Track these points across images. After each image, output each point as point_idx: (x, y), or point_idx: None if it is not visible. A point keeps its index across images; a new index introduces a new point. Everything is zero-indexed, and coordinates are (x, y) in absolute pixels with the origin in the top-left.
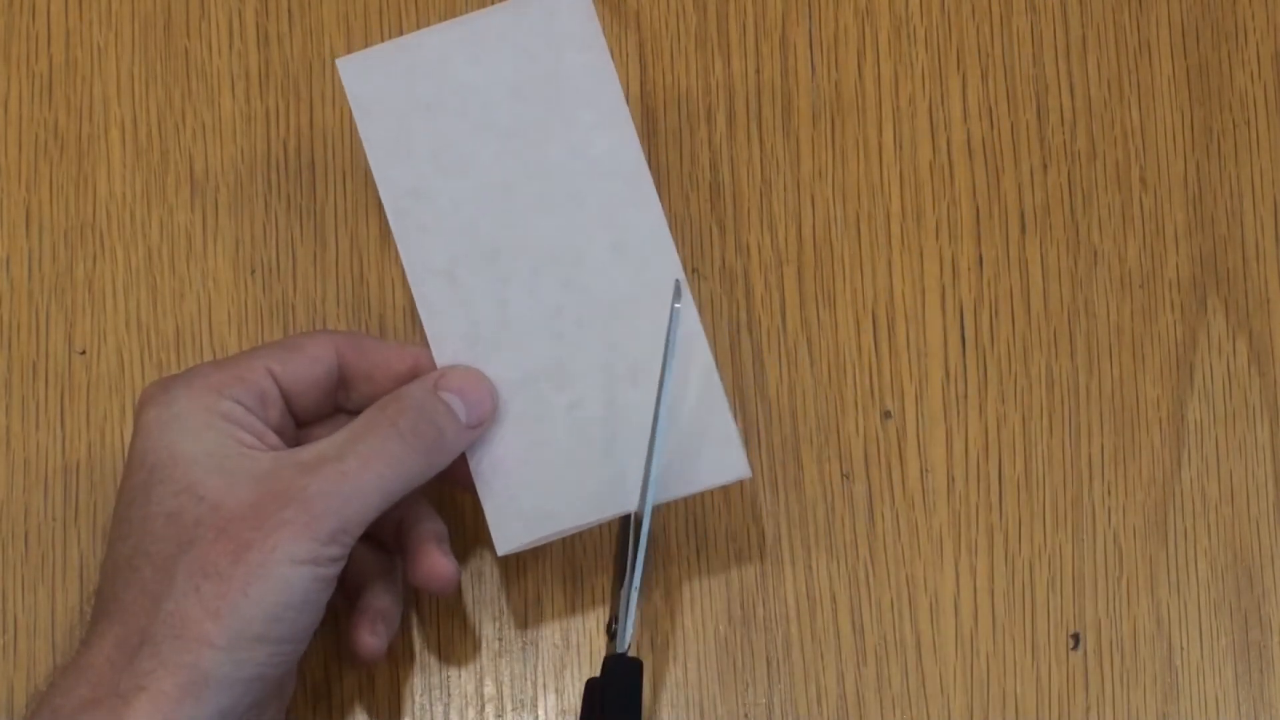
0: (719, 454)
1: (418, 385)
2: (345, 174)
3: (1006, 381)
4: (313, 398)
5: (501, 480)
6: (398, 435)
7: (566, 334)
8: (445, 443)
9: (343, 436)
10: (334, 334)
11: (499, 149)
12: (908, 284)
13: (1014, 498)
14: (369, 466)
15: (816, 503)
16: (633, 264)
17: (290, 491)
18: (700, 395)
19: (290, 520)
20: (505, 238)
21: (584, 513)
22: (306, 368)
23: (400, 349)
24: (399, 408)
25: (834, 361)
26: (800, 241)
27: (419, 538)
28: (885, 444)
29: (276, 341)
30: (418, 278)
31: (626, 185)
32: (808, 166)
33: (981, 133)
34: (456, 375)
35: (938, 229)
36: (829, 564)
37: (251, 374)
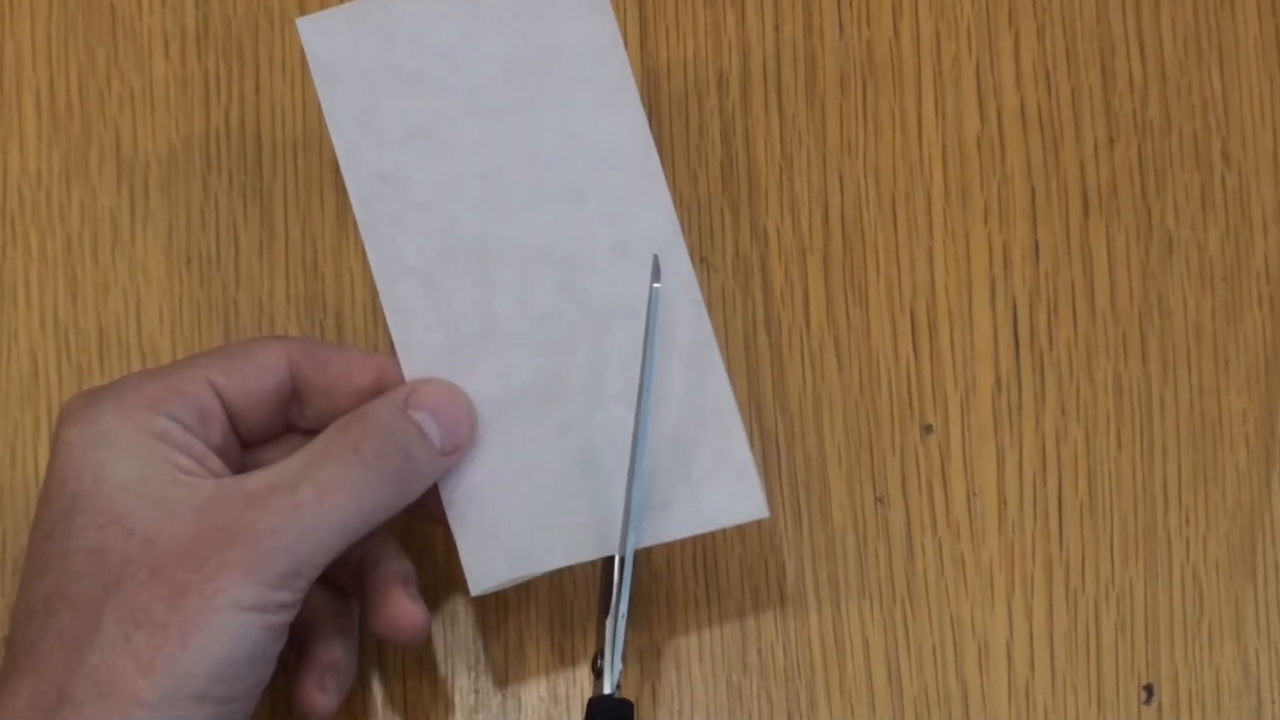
0: (731, 488)
1: (385, 402)
2: (297, 148)
3: (1067, 390)
4: (261, 415)
5: (477, 512)
6: (361, 461)
7: (559, 345)
8: (416, 470)
9: (297, 462)
10: (286, 340)
11: (485, 130)
12: (952, 276)
13: (1076, 526)
14: (327, 498)
15: (846, 532)
16: (637, 266)
17: (235, 526)
18: (710, 414)
19: (235, 560)
20: (490, 233)
21: (572, 551)
22: (254, 380)
23: (364, 358)
24: (362, 429)
25: (866, 366)
26: (826, 226)
27: (381, 579)
28: (926, 463)
29: (219, 348)
30: (386, 277)
31: (632, 175)
32: (835, 139)
33: (1037, 100)
34: (430, 391)
35: (986, 212)
36: (860, 604)
37: (190, 386)
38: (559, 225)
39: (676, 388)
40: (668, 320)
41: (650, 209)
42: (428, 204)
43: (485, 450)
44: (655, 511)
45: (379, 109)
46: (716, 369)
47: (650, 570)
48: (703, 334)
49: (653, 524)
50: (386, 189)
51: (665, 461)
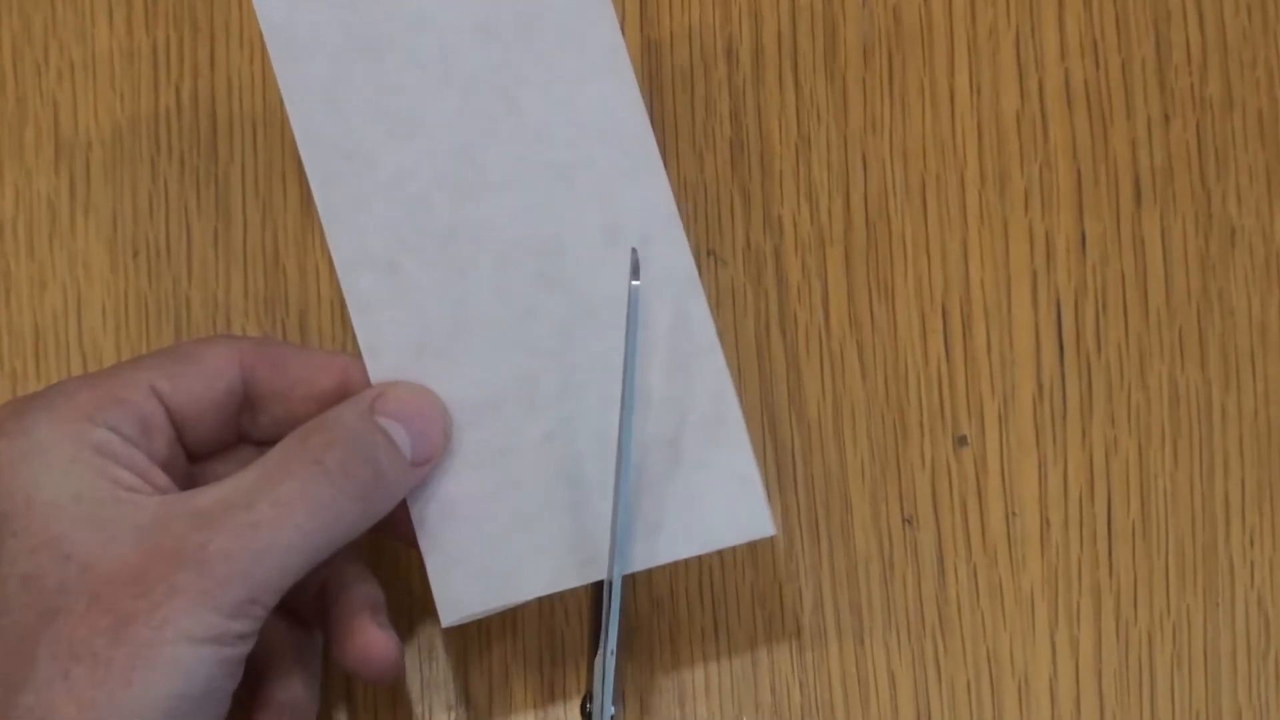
0: (733, 503)
1: (349, 409)
2: (256, 127)
3: (1117, 397)
4: (210, 424)
5: (451, 532)
6: (324, 475)
7: (542, 344)
8: (384, 484)
9: (252, 476)
10: (238, 340)
11: (459, 103)
12: (988, 270)
13: (1127, 549)
14: (287, 516)
15: (870, 556)
16: (642, 256)
17: (184, 549)
18: (710, 421)
19: (185, 587)
20: (464, 218)
21: (556, 576)
22: (202, 385)
23: (325, 359)
24: (325, 439)
25: (893, 371)
26: (848, 215)
27: (347, 606)
28: (960, 479)
29: (163, 350)
30: (349, 267)
31: (624, 150)
32: (857, 117)
33: (1084, 74)
34: (399, 396)
35: (1027, 198)
36: (886, 636)
37: (131, 393)
38: (542, 208)
39: (673, 392)
40: (663, 315)
41: (644, 188)
42: (394, 185)
43: (460, 462)
44: (648, 531)
45: (341, 81)
46: (718, 371)
47: (651, 598)
48: (702, 330)
49: (646, 545)
50: (349, 169)
51: (659, 475)
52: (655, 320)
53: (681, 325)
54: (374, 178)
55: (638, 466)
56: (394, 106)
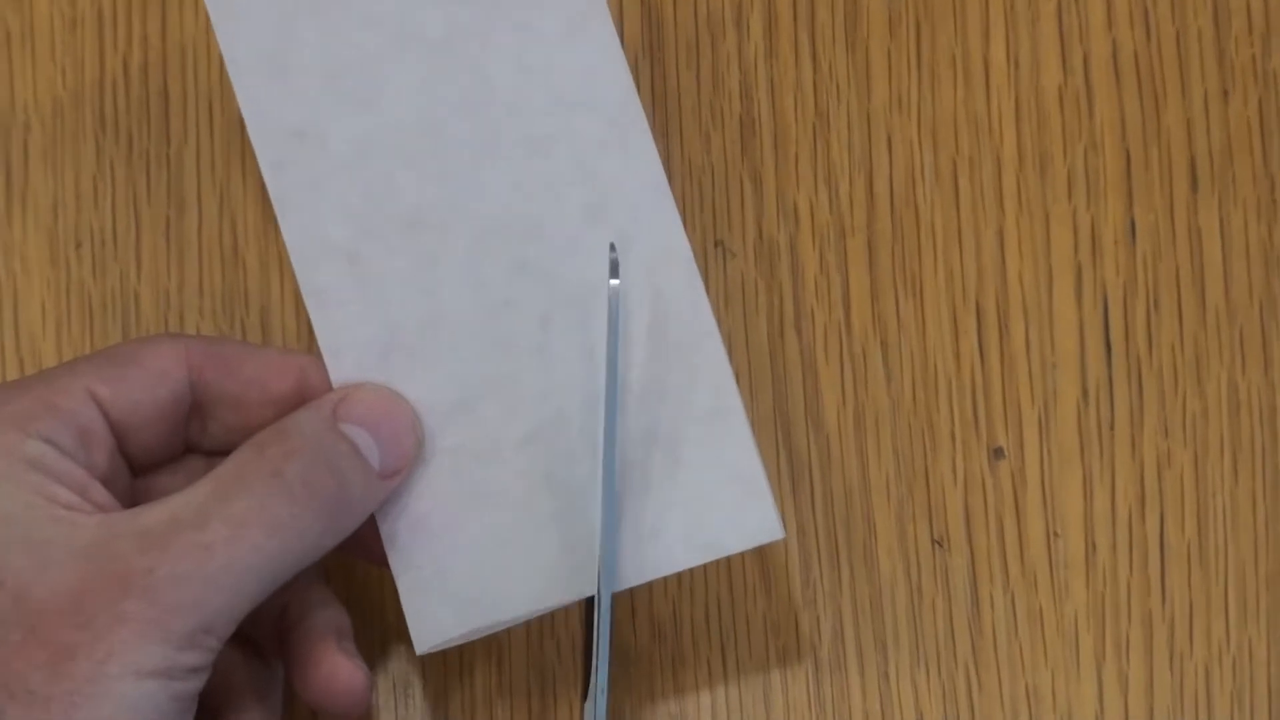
0: (735, 505)
1: (310, 414)
2: (213, 104)
3: (1171, 405)
4: (155, 433)
5: (424, 548)
6: (283, 489)
7: (522, 339)
8: (350, 499)
9: (203, 492)
10: (184, 339)
11: (422, 69)
12: (1027, 263)
13: (1182, 573)
14: (242, 536)
15: (896, 582)
16: (616, 235)
17: (130, 574)
18: (708, 419)
19: (131, 615)
20: (431, 199)
21: (542, 595)
22: (146, 390)
23: (281, 359)
24: (284, 449)
25: (921, 375)
26: (872, 201)
27: (309, 633)
28: (996, 495)
29: (101, 352)
30: (305, 258)
31: (607, 119)
32: (882, 93)
33: (1133, 45)
34: (364, 400)
35: (1070, 184)
36: (914, 671)
37: (67, 400)
38: (518, 187)
39: (667, 384)
40: (654, 299)
41: (630, 159)
42: (353, 164)
43: (433, 471)
44: (642, 540)
45: (290, 47)
46: (716, 359)
47: (652, 627)
48: (698, 316)
49: (639, 556)
50: (302, 148)
51: (653, 477)
52: (646, 305)
53: (675, 310)
54: (329, 156)
55: (629, 469)
56: (349, 74)
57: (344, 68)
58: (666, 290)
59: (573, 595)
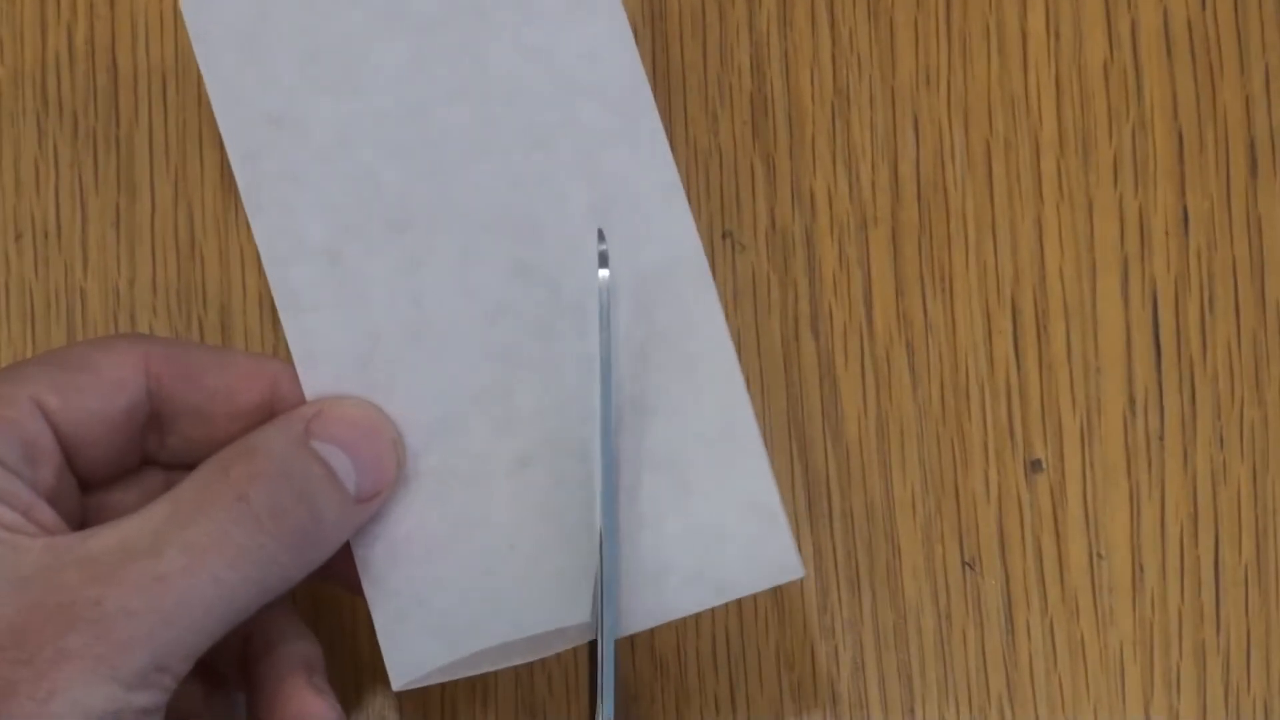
0: (750, 540)
1: (279, 431)
2: (167, 81)
3: (1227, 413)
4: (108, 446)
5: (403, 577)
6: (248, 515)
7: (517, 349)
8: (323, 527)
9: (160, 514)
10: (143, 341)
11: (414, 50)
12: (1068, 256)
13: (1239, 599)
14: (200, 566)
15: (923, 608)
16: (622, 238)
17: (76, 606)
18: (719, 438)
19: (77, 650)
20: (420, 194)
21: (530, 621)
22: (98, 399)
23: (251, 366)
24: (249, 470)
25: (950, 379)
26: (896, 188)
27: (277, 666)
28: (1033, 513)
29: (49, 355)
30: (277, 257)
31: (613, 109)
32: (907, 68)
33: (1187, 14)
34: (341, 416)
35: (1117, 168)
36: (942, 706)
37: (11, 410)
38: (516, 183)
39: (675, 403)
40: (662, 307)
41: (639, 153)
42: (333, 155)
43: (415, 493)
44: (648, 580)
45: (265, 24)
46: (728, 376)
47: (654, 660)
48: (709, 326)
49: (645, 598)
50: (277, 137)
51: (660, 508)
52: (654, 314)
53: (684, 321)
54: (308, 146)
55: (632, 495)
56: (330, 56)
57: (324, 48)
58: (676, 298)
59: (563, 625)
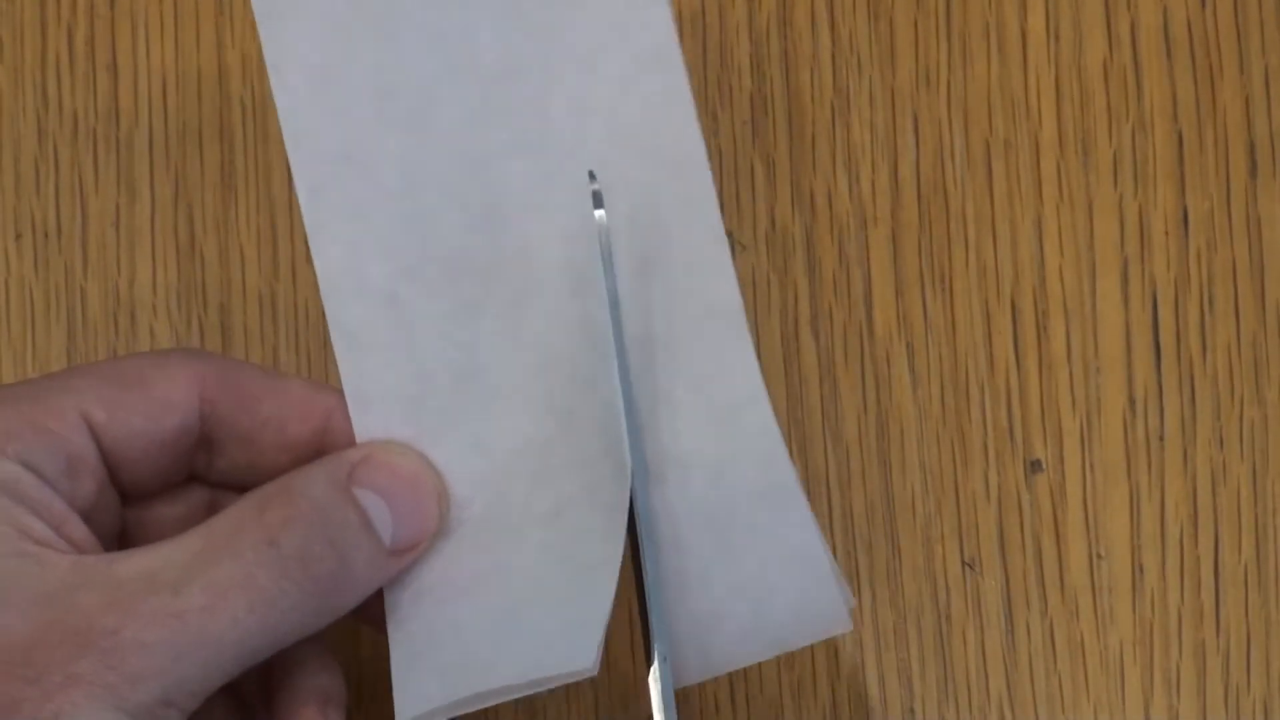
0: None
1: (321, 475)
2: (167, 82)
3: (1227, 413)
4: (154, 465)
5: (425, 620)
6: (276, 559)
7: (560, 401)
8: (351, 577)
9: (189, 548)
10: (199, 361)
11: (481, 100)
12: (1068, 256)
13: (1239, 600)
14: (222, 607)
15: (923, 608)
16: (666, 290)
17: (91, 632)
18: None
19: (85, 677)
20: (480, 243)
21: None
22: (148, 419)
23: (306, 397)
24: (284, 513)
25: (950, 379)
26: (896, 189)
27: (293, 697)
28: (1033, 513)
29: (103, 367)
30: (338, 294)
31: (668, 170)
32: (907, 67)
33: (1187, 14)
34: (387, 465)
35: (1117, 168)
36: (942, 706)
37: (58, 422)
38: (570, 236)
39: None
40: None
41: (689, 212)
42: (399, 196)
43: (453, 542)
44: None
45: (342, 60)
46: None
47: None
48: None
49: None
50: (347, 173)
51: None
52: (692, 364)
53: (721, 373)
54: (374, 184)
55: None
56: (402, 98)
57: (397, 88)
58: (714, 350)
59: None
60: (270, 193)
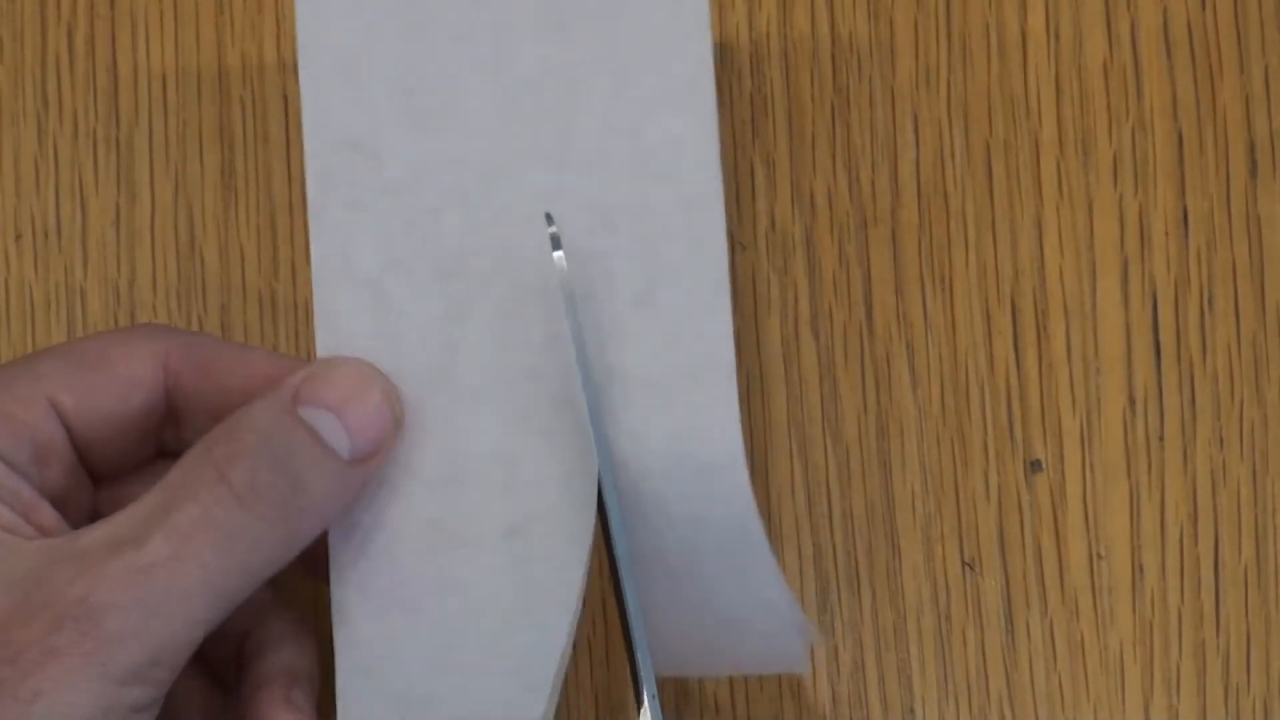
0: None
1: (266, 403)
2: (167, 81)
3: (1227, 413)
4: (123, 444)
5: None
6: (230, 495)
7: (536, 418)
8: (309, 498)
9: (148, 505)
10: (161, 336)
11: (504, 106)
12: (1068, 256)
13: (1239, 599)
14: (186, 552)
15: (922, 609)
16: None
17: (61, 604)
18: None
19: (63, 649)
20: (477, 248)
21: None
22: (114, 399)
23: (273, 367)
24: (230, 448)
25: (950, 379)
26: (896, 188)
27: (261, 673)
28: (1033, 513)
29: (65, 349)
30: (327, 278)
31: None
32: (907, 67)
33: (1187, 14)
34: (330, 379)
35: (1117, 168)
36: (942, 705)
37: (24, 410)
38: (574, 252)
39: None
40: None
41: (695, 248)
42: (402, 191)
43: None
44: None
45: (371, 47)
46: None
47: None
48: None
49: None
50: (353, 161)
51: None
52: (674, 413)
53: (702, 427)
54: (379, 175)
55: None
56: (424, 93)
57: (421, 84)
58: (698, 403)
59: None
60: (270, 193)
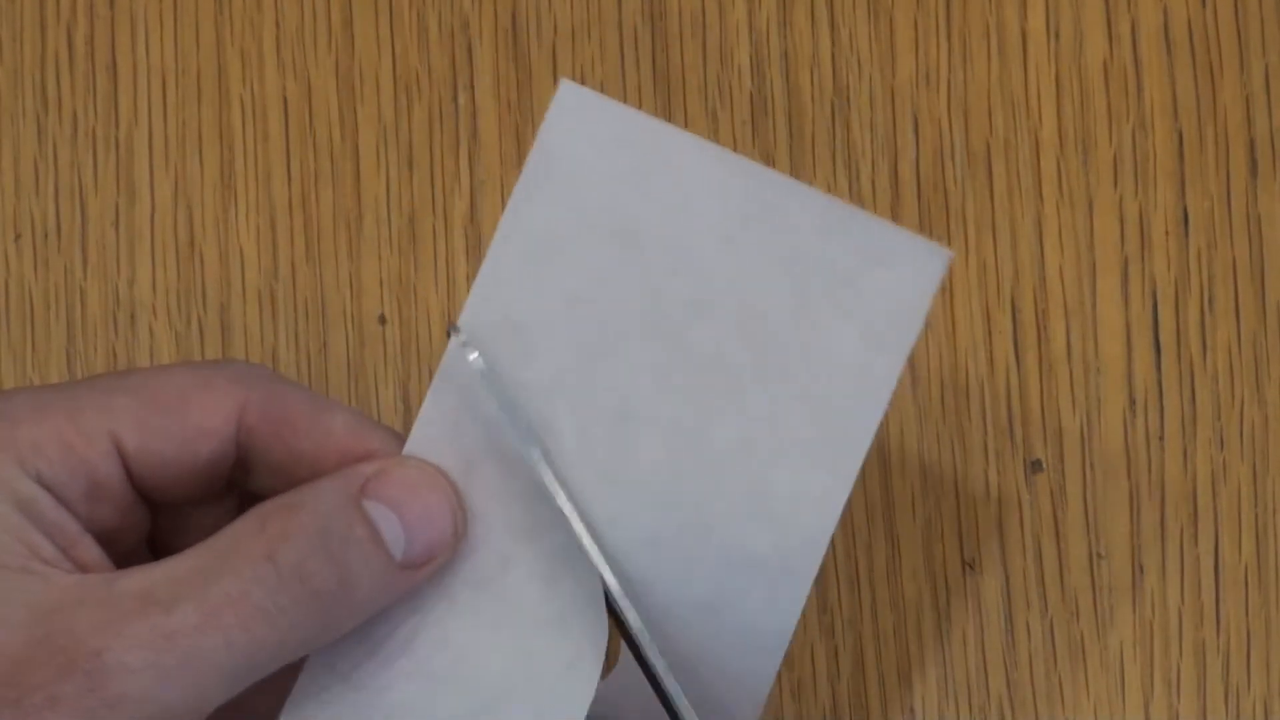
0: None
1: (332, 486)
2: (165, 81)
3: (1227, 413)
4: (184, 488)
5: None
6: (273, 575)
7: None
8: (354, 595)
9: (189, 564)
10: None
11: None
12: (1068, 256)
13: (1239, 599)
14: (213, 626)
15: (922, 609)
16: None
17: (77, 653)
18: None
19: (65, 699)
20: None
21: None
22: (181, 446)
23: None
24: (285, 526)
25: (950, 380)
26: (896, 188)
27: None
28: (1033, 513)
29: (143, 383)
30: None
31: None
32: (907, 67)
33: (1187, 13)
34: (400, 477)
35: (1117, 168)
36: (942, 705)
37: (86, 446)
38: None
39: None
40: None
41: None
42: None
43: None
44: None
45: (570, 239)
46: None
47: None
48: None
49: None
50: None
51: None
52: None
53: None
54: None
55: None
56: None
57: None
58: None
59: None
60: (270, 193)
